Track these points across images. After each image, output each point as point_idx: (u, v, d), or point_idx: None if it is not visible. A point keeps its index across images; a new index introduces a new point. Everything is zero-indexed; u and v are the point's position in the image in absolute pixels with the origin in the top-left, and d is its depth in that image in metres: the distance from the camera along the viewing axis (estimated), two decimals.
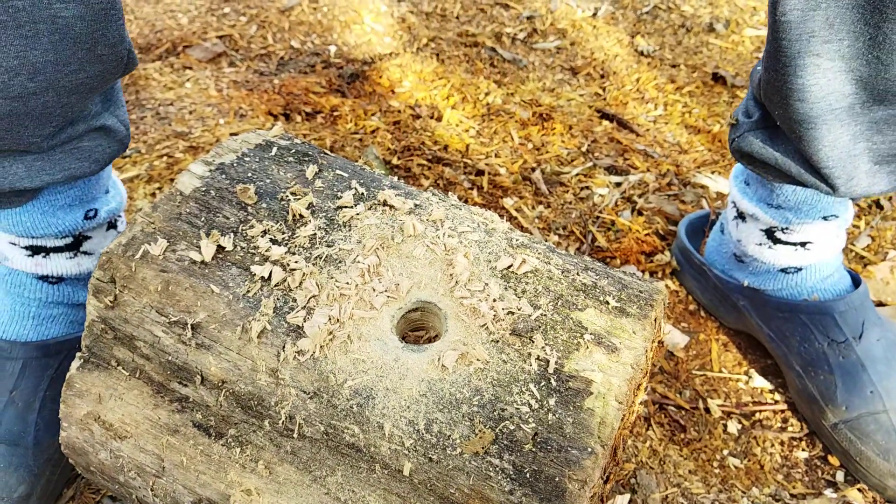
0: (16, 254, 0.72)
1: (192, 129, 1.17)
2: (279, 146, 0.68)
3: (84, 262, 0.74)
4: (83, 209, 0.72)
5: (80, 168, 0.67)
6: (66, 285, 0.74)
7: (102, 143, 0.69)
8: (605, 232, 1.05)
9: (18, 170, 0.64)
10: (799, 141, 0.71)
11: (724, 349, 0.94)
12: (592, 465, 0.46)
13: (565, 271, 0.56)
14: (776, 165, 0.76)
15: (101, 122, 0.68)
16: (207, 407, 0.55)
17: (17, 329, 0.72)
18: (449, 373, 0.50)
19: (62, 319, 0.74)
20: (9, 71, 0.55)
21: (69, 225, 0.71)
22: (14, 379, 0.69)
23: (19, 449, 0.68)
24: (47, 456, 0.70)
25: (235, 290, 0.56)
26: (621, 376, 0.50)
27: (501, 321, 0.53)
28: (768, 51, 0.69)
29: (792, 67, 0.66)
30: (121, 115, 0.71)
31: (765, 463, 0.82)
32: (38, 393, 0.70)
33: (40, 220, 0.69)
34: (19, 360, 0.70)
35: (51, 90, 0.58)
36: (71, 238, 0.72)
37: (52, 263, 0.72)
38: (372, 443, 0.50)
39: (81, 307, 0.76)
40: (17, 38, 0.54)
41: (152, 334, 0.56)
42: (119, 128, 0.70)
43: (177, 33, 1.42)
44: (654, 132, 1.27)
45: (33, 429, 0.69)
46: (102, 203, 0.74)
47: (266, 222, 0.60)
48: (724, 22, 1.64)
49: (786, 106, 0.69)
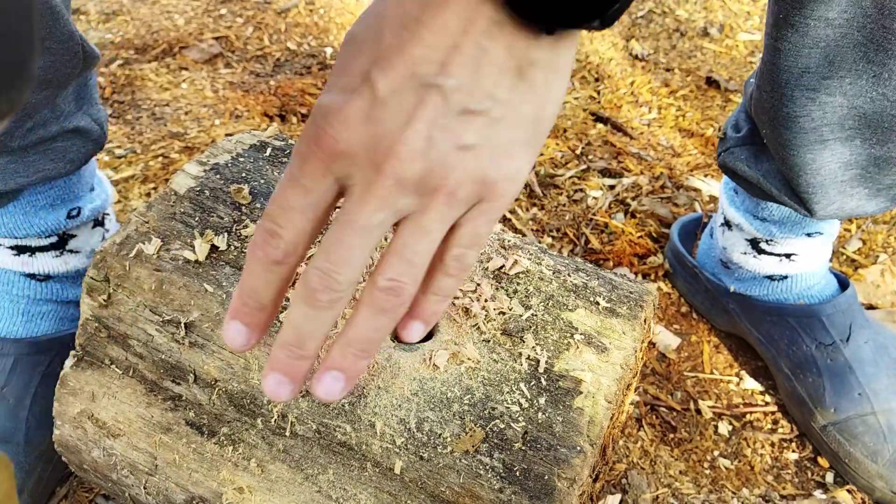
0: (2, 254, 0.72)
1: (187, 129, 1.17)
2: (274, 147, 0.68)
3: (71, 260, 0.75)
4: (65, 208, 0.72)
5: (55, 169, 0.67)
6: (54, 283, 0.74)
7: (77, 143, 0.68)
8: (598, 234, 1.06)
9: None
10: (782, 163, 0.71)
11: (716, 351, 0.95)
12: (581, 463, 0.46)
13: (556, 272, 0.57)
14: (758, 184, 0.77)
15: (74, 122, 0.67)
16: (200, 405, 0.55)
17: (6, 326, 0.72)
18: (440, 372, 0.51)
19: (52, 316, 0.74)
20: None
21: (52, 224, 0.71)
22: (5, 375, 0.70)
23: (10, 446, 0.68)
24: (38, 452, 0.70)
25: (229, 290, 0.56)
26: (611, 376, 0.50)
27: (493, 321, 0.53)
28: (762, 70, 0.68)
29: (784, 95, 0.65)
30: (94, 113, 0.71)
31: (755, 464, 0.83)
32: (30, 390, 0.70)
33: (22, 220, 0.69)
34: (10, 356, 0.70)
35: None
36: (55, 237, 0.73)
37: (39, 262, 0.72)
38: (363, 441, 0.50)
39: (71, 304, 0.76)
40: None
41: (146, 333, 0.56)
42: (93, 127, 0.70)
43: (173, 34, 1.42)
44: (647, 135, 1.28)
45: (24, 425, 0.69)
46: (86, 201, 0.74)
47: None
48: (718, 26, 1.65)
49: (773, 127, 0.69)
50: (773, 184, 0.75)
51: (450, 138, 0.32)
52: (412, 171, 0.32)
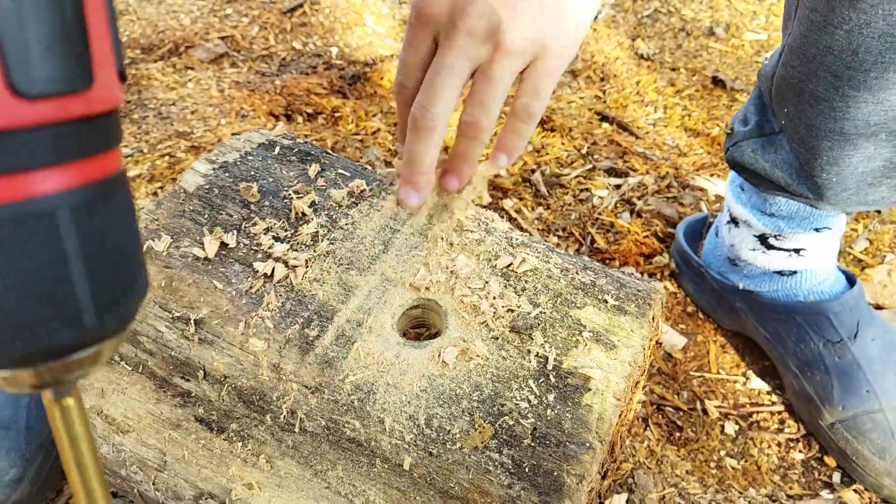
0: None
1: (193, 129, 1.18)
2: (282, 145, 0.68)
3: None
4: None
5: None
6: None
7: None
8: (604, 234, 1.06)
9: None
10: (800, 143, 0.71)
11: (722, 351, 0.95)
12: (590, 459, 0.46)
13: (564, 270, 0.57)
14: (766, 175, 0.77)
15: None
16: (210, 402, 0.55)
17: None
18: (449, 369, 0.51)
19: None
20: None
21: None
22: None
23: (11, 433, 0.68)
24: (39, 441, 0.70)
25: (238, 287, 0.56)
26: (619, 373, 0.50)
27: (501, 318, 0.53)
28: (791, 47, 0.67)
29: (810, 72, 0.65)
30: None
31: (762, 464, 0.83)
32: None
33: None
34: None
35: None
36: None
37: None
38: (373, 437, 0.50)
39: None
40: None
41: (155, 329, 0.56)
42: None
43: (179, 34, 1.42)
44: (653, 135, 1.28)
45: (25, 413, 0.69)
46: None
47: (269, 220, 0.60)
48: (724, 26, 1.65)
49: (797, 104, 0.69)
50: (783, 174, 0.75)
51: (507, 2, 0.42)
52: (478, 27, 0.43)
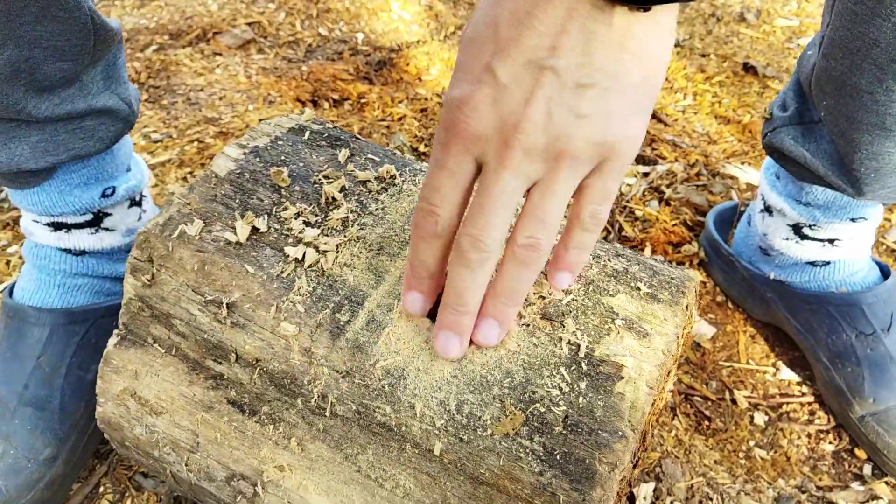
0: (39, 230, 0.74)
1: (222, 114, 1.18)
2: (312, 130, 0.68)
3: (106, 238, 0.76)
4: (100, 187, 0.73)
5: (85, 147, 0.68)
6: (89, 258, 0.76)
7: (105, 122, 0.70)
8: (632, 222, 1.05)
9: (23, 151, 0.65)
10: (840, 136, 0.70)
11: (752, 341, 0.94)
12: (623, 448, 0.46)
13: (596, 257, 0.56)
14: (805, 164, 0.75)
15: (102, 101, 0.68)
16: (241, 384, 0.56)
17: (43, 297, 0.74)
18: (480, 355, 0.51)
19: (87, 289, 0.76)
20: None
21: (86, 203, 0.72)
22: (41, 345, 0.71)
23: (45, 413, 0.70)
24: (73, 421, 0.72)
25: (269, 271, 0.56)
26: (652, 362, 0.50)
27: (532, 305, 0.53)
28: (831, 37, 0.66)
29: (854, 65, 0.63)
30: (122, 92, 0.72)
31: (791, 455, 0.82)
32: (65, 359, 0.72)
33: (57, 198, 0.71)
34: (46, 326, 0.72)
35: (10, 42, 0.59)
36: (90, 215, 0.74)
37: (74, 238, 0.74)
38: (403, 422, 0.50)
39: (106, 279, 0.78)
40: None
41: (188, 312, 0.57)
42: (122, 107, 0.71)
43: (206, 20, 1.43)
44: (682, 122, 1.26)
45: (59, 394, 0.71)
46: (121, 181, 0.76)
47: (299, 205, 0.61)
48: (755, 12, 1.61)
49: (837, 97, 0.67)
50: (822, 163, 0.73)
51: (567, 110, 0.37)
52: (536, 142, 0.38)
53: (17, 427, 0.68)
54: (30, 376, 0.70)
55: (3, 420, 0.68)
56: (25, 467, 0.67)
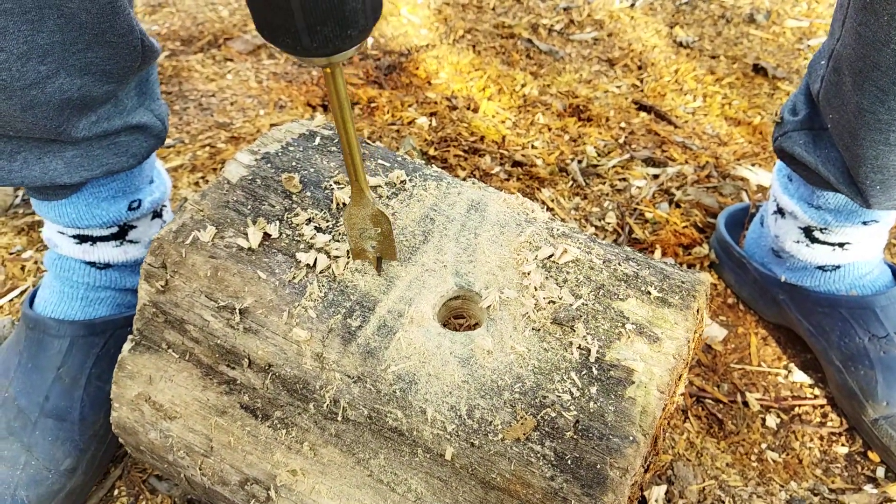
0: (64, 241, 0.74)
1: (233, 119, 1.19)
2: (322, 136, 0.69)
3: (130, 250, 0.77)
4: (126, 200, 0.74)
5: (119, 163, 0.69)
6: (113, 271, 0.76)
7: (139, 138, 0.70)
8: (642, 224, 1.05)
9: (58, 166, 0.65)
10: (845, 150, 0.69)
11: (763, 343, 0.93)
12: (634, 453, 0.46)
13: (606, 261, 0.57)
14: (815, 169, 0.75)
15: (137, 118, 0.69)
16: (254, 389, 0.56)
17: (65, 309, 0.74)
18: (490, 360, 0.51)
19: (109, 302, 0.77)
20: (20, 57, 0.56)
21: (113, 216, 0.73)
22: (61, 356, 0.72)
23: (66, 424, 0.71)
24: (93, 431, 0.72)
25: (281, 277, 0.57)
26: (663, 366, 0.50)
27: (543, 310, 0.53)
28: (839, 52, 0.65)
29: (856, 84, 0.62)
30: (156, 109, 0.72)
31: (804, 457, 0.81)
32: (85, 370, 0.72)
33: (85, 211, 0.71)
34: (66, 338, 0.72)
35: (62, 71, 0.59)
36: (116, 227, 0.75)
37: (99, 251, 0.75)
38: (414, 427, 0.51)
39: (128, 292, 0.78)
40: (24, 24, 0.55)
41: (202, 318, 0.57)
42: (155, 123, 0.71)
43: (218, 26, 1.44)
44: (692, 124, 1.26)
45: (79, 405, 0.71)
46: (146, 193, 0.76)
47: (310, 210, 0.61)
48: (764, 13, 1.61)
49: (841, 112, 0.67)
50: (831, 171, 0.73)
51: None
52: None
53: (39, 438, 0.69)
54: (50, 388, 0.71)
55: (24, 431, 0.69)
56: (46, 478, 0.68)
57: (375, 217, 0.53)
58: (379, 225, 0.54)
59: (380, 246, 0.55)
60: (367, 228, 0.54)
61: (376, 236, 0.54)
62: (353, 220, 0.53)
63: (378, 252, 0.56)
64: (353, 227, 0.54)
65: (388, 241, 0.55)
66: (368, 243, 0.55)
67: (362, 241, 0.55)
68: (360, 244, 0.55)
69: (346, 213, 0.53)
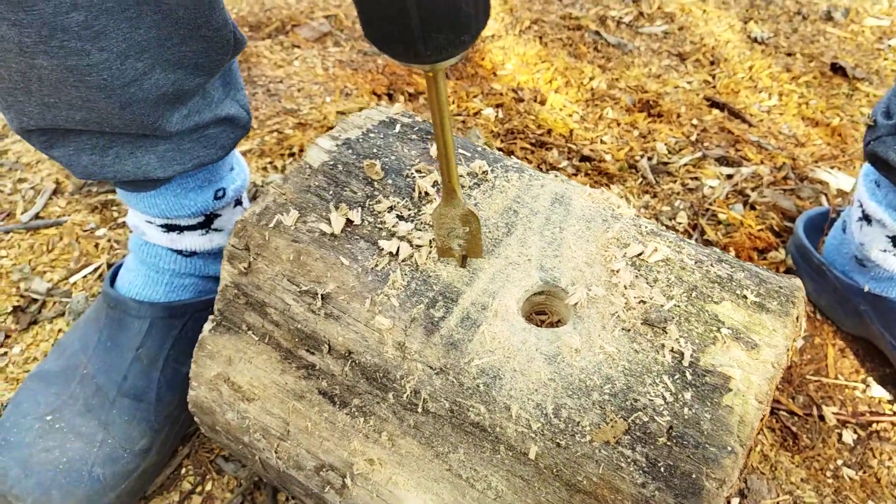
0: (152, 230, 0.75)
1: (300, 106, 1.20)
2: (402, 123, 0.68)
3: (215, 238, 0.77)
4: (212, 189, 0.74)
5: (208, 155, 0.69)
6: (198, 258, 0.77)
7: (227, 130, 0.70)
8: (714, 225, 1.02)
9: (151, 160, 0.66)
10: None
11: (841, 355, 0.89)
12: (732, 464, 0.44)
13: (698, 262, 0.55)
14: None
15: (225, 110, 0.69)
16: (333, 376, 0.56)
17: (148, 293, 0.75)
18: (578, 358, 0.49)
19: (192, 288, 0.78)
20: (119, 55, 0.57)
21: (200, 206, 0.73)
22: (141, 337, 0.73)
23: (142, 404, 0.72)
24: (167, 412, 0.73)
25: (364, 263, 0.56)
26: (761, 375, 0.48)
27: (633, 309, 0.51)
28: None
29: None
30: (241, 99, 0.73)
31: (881, 476, 0.78)
32: (163, 351, 0.73)
33: (174, 202, 0.72)
34: (147, 319, 0.73)
35: (157, 67, 0.60)
36: (202, 217, 0.75)
37: (186, 240, 0.75)
38: (497, 423, 0.50)
39: (210, 279, 0.79)
40: (123, 21, 0.56)
41: (283, 302, 0.57)
42: (241, 114, 0.71)
43: (285, 12, 1.45)
44: (767, 123, 1.22)
45: (156, 385, 0.72)
46: (229, 182, 0.77)
47: (392, 198, 0.60)
48: (842, 10, 1.54)
49: None
50: None
51: None
52: None
53: (116, 417, 0.70)
54: (129, 367, 0.72)
55: (102, 409, 0.70)
56: (122, 457, 0.69)
57: (465, 217, 0.52)
58: (468, 224, 0.53)
59: (466, 244, 0.54)
60: (456, 227, 0.53)
61: (464, 235, 0.53)
62: (442, 220, 0.52)
63: (464, 250, 0.55)
64: (441, 227, 0.53)
65: (475, 240, 0.54)
66: (455, 242, 0.54)
67: (449, 240, 0.54)
68: (448, 242, 0.54)
69: (436, 212, 0.52)
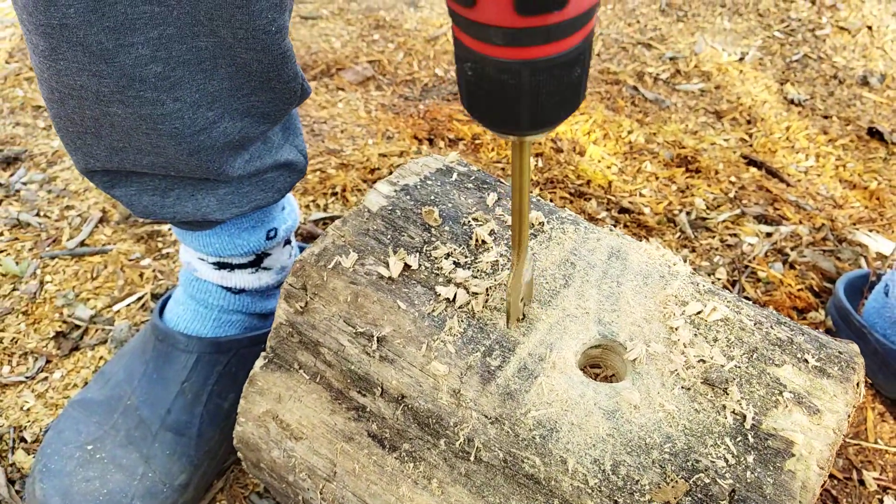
0: (204, 267, 0.76)
1: (343, 147, 1.22)
2: (459, 172, 0.69)
3: (264, 277, 0.78)
4: (264, 230, 0.76)
5: (265, 198, 0.70)
6: (246, 296, 0.78)
7: (284, 174, 0.72)
8: (754, 283, 1.02)
9: (210, 202, 0.67)
10: None
11: (881, 419, 0.88)
12: None
13: (758, 323, 0.55)
14: None
15: (284, 155, 0.70)
16: (384, 419, 0.56)
17: (197, 327, 0.76)
18: (638, 415, 0.49)
19: (238, 325, 0.78)
20: (192, 105, 0.58)
21: (253, 245, 0.75)
22: (187, 371, 0.73)
23: (184, 439, 0.72)
24: (207, 448, 0.73)
25: (421, 308, 0.57)
26: (823, 440, 0.47)
27: (692, 368, 0.51)
28: None
29: None
30: (299, 144, 0.74)
31: None
32: (207, 386, 0.74)
33: (227, 241, 0.73)
34: (194, 353, 0.74)
35: (226, 116, 0.61)
36: (254, 256, 0.76)
37: (236, 277, 0.77)
38: (553, 476, 0.49)
39: (257, 316, 0.80)
40: (199, 73, 0.58)
41: (338, 342, 0.58)
42: (299, 159, 0.73)
43: (330, 56, 1.49)
44: (805, 184, 1.22)
45: (198, 420, 0.72)
46: (280, 222, 0.78)
47: (449, 245, 0.61)
48: (878, 76, 1.56)
49: None
50: None
51: None
52: None
53: (157, 451, 0.70)
54: (174, 401, 0.72)
55: (144, 442, 0.70)
56: (161, 491, 0.69)
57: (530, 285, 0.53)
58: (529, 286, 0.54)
59: (526, 298, 0.55)
60: (525, 294, 0.54)
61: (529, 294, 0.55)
62: (516, 291, 0.53)
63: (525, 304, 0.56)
64: (515, 299, 0.53)
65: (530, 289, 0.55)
66: (525, 308, 0.55)
67: (522, 307, 0.55)
68: (521, 310, 0.55)
69: (511, 285, 0.52)
